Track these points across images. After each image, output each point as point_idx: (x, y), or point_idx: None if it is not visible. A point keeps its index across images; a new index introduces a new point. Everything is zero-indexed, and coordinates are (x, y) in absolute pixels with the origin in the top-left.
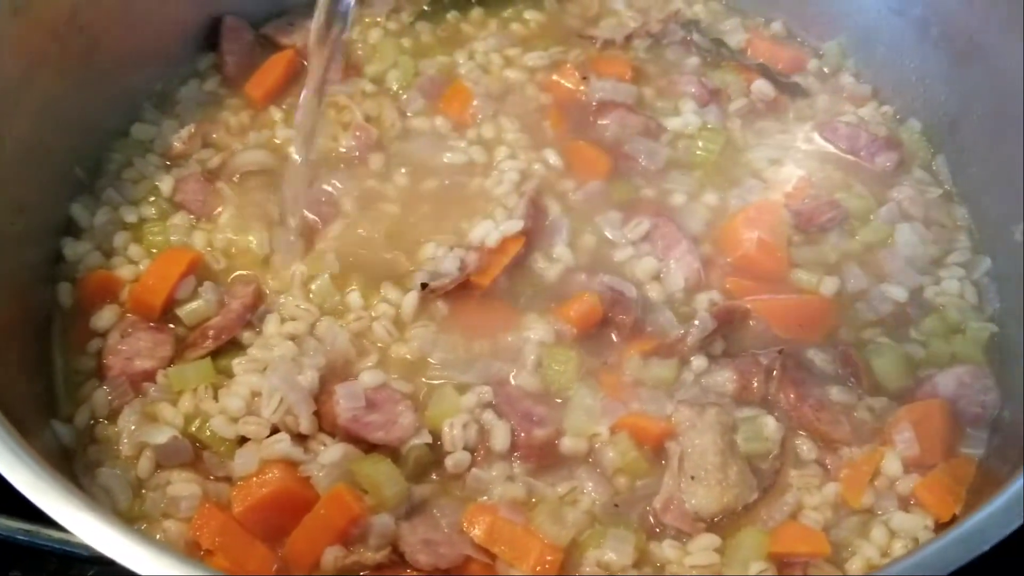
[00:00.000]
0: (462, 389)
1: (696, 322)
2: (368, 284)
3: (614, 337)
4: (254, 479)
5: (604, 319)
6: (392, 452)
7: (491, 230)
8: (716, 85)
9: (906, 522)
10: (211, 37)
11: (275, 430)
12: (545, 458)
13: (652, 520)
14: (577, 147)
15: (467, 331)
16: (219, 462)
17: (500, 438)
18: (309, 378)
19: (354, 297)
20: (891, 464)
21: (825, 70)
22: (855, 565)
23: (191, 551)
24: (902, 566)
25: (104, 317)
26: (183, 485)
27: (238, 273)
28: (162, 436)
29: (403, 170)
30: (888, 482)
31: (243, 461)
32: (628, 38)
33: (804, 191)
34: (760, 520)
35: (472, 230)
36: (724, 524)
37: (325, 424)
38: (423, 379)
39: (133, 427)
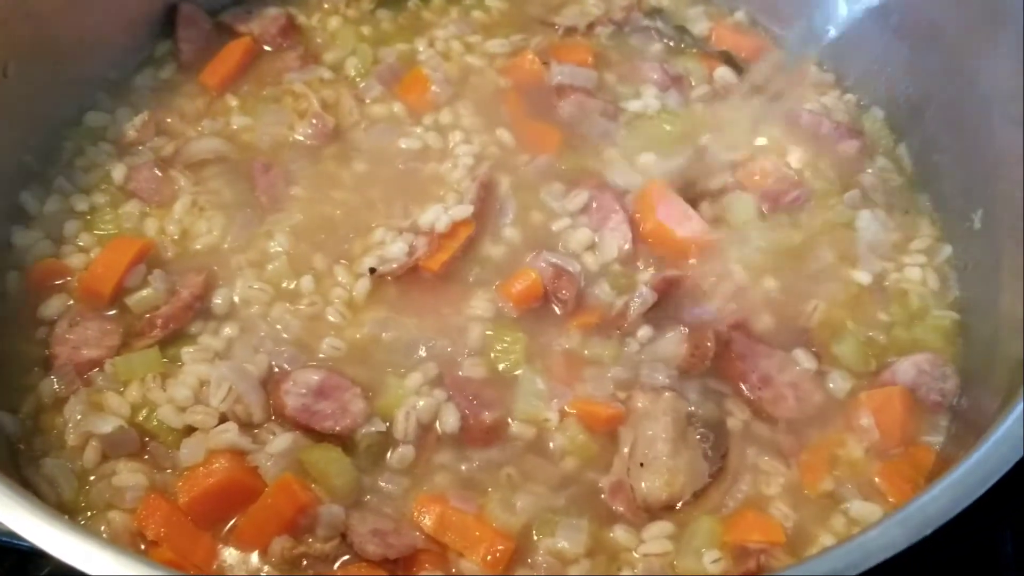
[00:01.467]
0: (412, 374)
1: (637, 295)
2: (321, 269)
3: (557, 311)
4: (200, 469)
5: (545, 294)
6: (342, 440)
7: (441, 215)
8: (678, 71)
9: (864, 510)
10: (167, 24)
11: (223, 419)
12: (494, 442)
13: (604, 505)
14: (531, 126)
15: (418, 315)
16: (166, 452)
17: (450, 422)
18: (259, 365)
19: (307, 282)
20: (851, 450)
21: (787, 59)
22: (812, 554)
23: (135, 542)
24: (849, 546)
25: (52, 306)
26: (128, 475)
27: (189, 262)
28: (108, 426)
29: (359, 157)
30: (848, 469)
31: (189, 451)
32: (591, 26)
33: (767, 173)
34: (715, 507)
35: (422, 215)
36: (679, 511)
37: (275, 412)
38: (374, 364)
39: (79, 416)
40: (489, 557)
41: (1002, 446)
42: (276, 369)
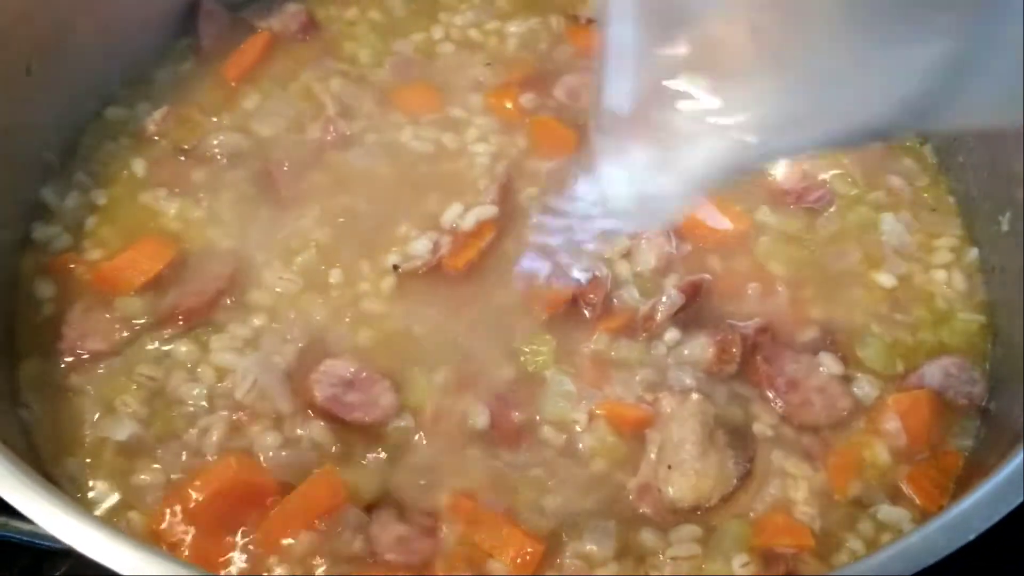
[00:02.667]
0: (440, 369)
1: (664, 298)
2: (348, 263)
3: (586, 314)
4: (214, 469)
5: (573, 298)
6: (371, 433)
7: (463, 213)
8: None
9: (892, 515)
10: (187, 19)
11: (244, 412)
12: (522, 442)
13: (631, 507)
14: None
15: (445, 312)
16: (181, 450)
17: (479, 420)
18: (287, 355)
19: (335, 274)
20: (879, 454)
21: None
22: (841, 559)
23: (155, 543)
24: (883, 557)
25: (69, 300)
26: (146, 475)
27: (213, 255)
28: (123, 431)
29: (376, 153)
30: (876, 473)
31: (207, 449)
32: None
33: (794, 171)
34: (743, 510)
35: (445, 213)
36: (706, 515)
37: (304, 403)
38: (401, 359)
39: (95, 417)
40: (519, 560)
41: None
42: (303, 358)
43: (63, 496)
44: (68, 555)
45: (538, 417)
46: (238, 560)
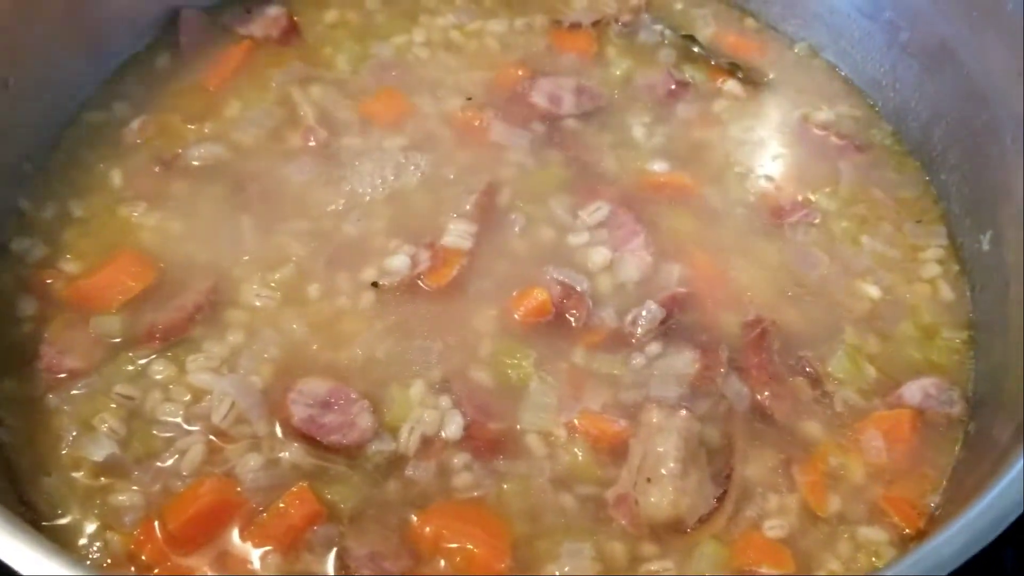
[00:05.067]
0: (416, 382)
1: (644, 311)
2: (325, 279)
3: (570, 325)
4: (188, 492)
5: (556, 312)
6: (349, 454)
7: (443, 227)
8: (684, 78)
9: (871, 535)
10: (168, 26)
11: (220, 435)
12: (499, 453)
13: (608, 518)
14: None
15: (423, 328)
16: (159, 471)
17: (451, 428)
18: (264, 375)
19: (313, 290)
20: (858, 472)
21: (795, 69)
22: None
23: (132, 563)
24: None
25: (47, 317)
26: (125, 496)
27: (191, 269)
28: (100, 453)
29: (355, 162)
30: (854, 492)
31: (183, 470)
32: (596, 23)
33: (776, 187)
34: (720, 531)
35: (425, 228)
36: (684, 534)
37: (280, 423)
38: (378, 375)
39: (71, 436)
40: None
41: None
42: (280, 376)
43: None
44: None
45: (515, 428)
46: None
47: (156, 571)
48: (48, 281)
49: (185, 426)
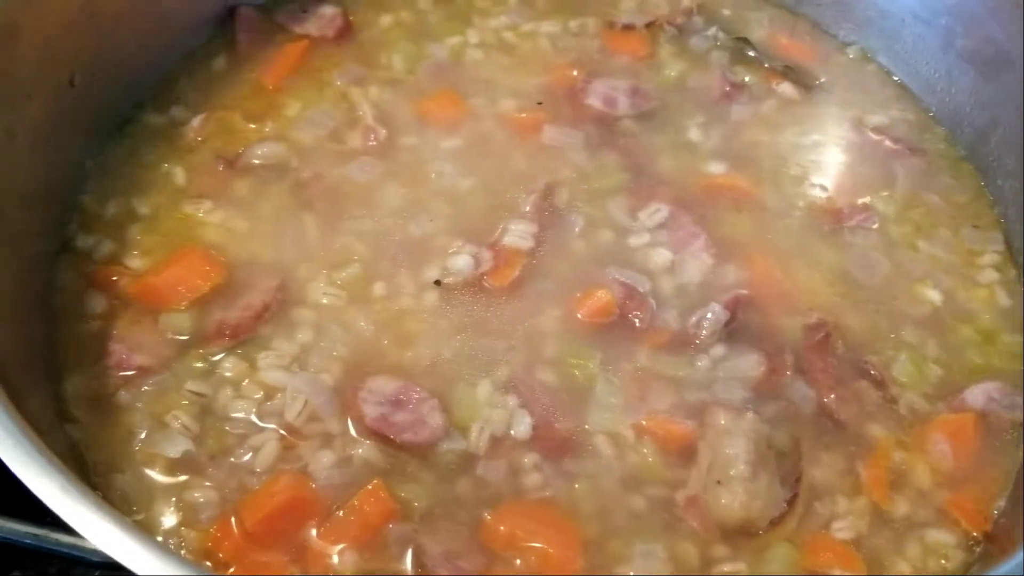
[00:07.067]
0: (482, 381)
1: (708, 313)
2: (390, 277)
3: (633, 326)
4: (264, 489)
5: (619, 313)
6: (421, 453)
7: (505, 227)
8: (738, 80)
9: (940, 537)
10: (225, 24)
11: (293, 432)
12: (568, 453)
13: (678, 519)
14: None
15: (487, 326)
16: (234, 468)
17: (520, 428)
18: (334, 372)
19: (378, 288)
20: (925, 476)
21: (847, 73)
22: None
23: (209, 560)
24: None
25: (115, 314)
26: (200, 493)
27: (257, 267)
28: (175, 449)
29: (416, 162)
30: (921, 495)
31: (259, 467)
32: (649, 25)
33: (833, 191)
34: (791, 533)
35: (485, 228)
36: (755, 537)
37: (352, 421)
38: (445, 374)
39: (144, 432)
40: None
41: None
42: (349, 374)
43: (119, 516)
44: (101, 566)
45: (583, 428)
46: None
47: (233, 568)
48: (114, 278)
49: (258, 423)
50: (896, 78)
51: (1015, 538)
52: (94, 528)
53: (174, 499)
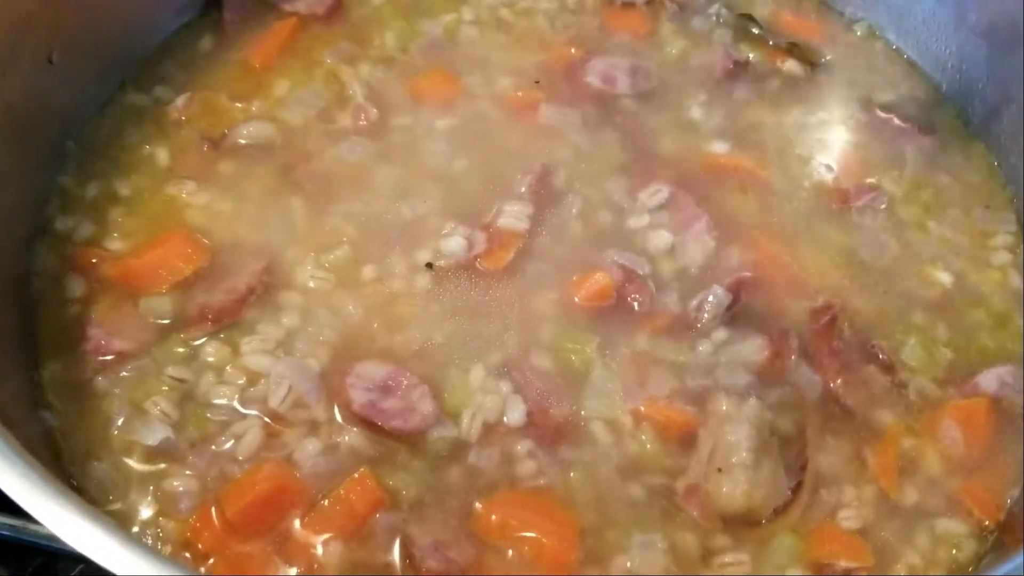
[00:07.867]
0: (475, 366)
1: (710, 296)
2: (380, 260)
3: (632, 310)
4: (246, 478)
5: (618, 296)
6: (410, 439)
7: (499, 209)
8: (742, 57)
9: (951, 527)
10: (211, 2)
11: (278, 418)
12: (563, 440)
13: (677, 508)
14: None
15: (480, 310)
16: (215, 455)
17: (514, 415)
18: (321, 358)
19: (368, 271)
20: (935, 463)
21: (854, 50)
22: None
23: (188, 551)
24: None
25: (94, 298)
26: (180, 481)
27: (241, 250)
28: (153, 436)
29: (406, 143)
30: (931, 482)
31: (240, 455)
32: (649, 2)
33: (840, 171)
34: (795, 523)
35: (479, 210)
36: (758, 526)
37: (339, 408)
38: (437, 359)
39: (122, 419)
40: (560, 569)
41: None
42: (337, 359)
43: (86, 508)
44: (82, 560)
45: (579, 415)
46: (274, 568)
47: (213, 560)
48: (94, 261)
49: (241, 409)
50: (905, 55)
51: None
52: (63, 522)
53: (152, 488)
